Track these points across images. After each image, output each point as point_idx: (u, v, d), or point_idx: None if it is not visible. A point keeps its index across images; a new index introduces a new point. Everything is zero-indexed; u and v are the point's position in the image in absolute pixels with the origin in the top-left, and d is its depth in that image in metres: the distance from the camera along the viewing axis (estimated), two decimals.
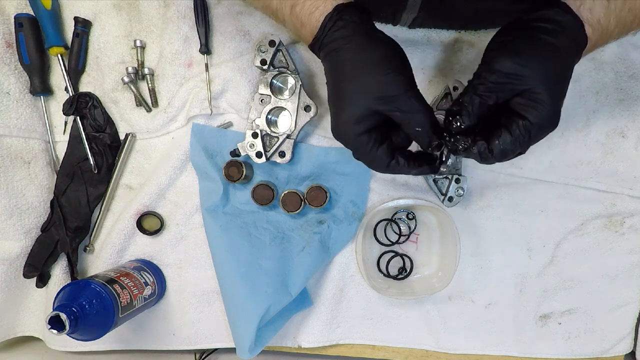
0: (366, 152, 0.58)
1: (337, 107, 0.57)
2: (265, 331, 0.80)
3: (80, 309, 0.68)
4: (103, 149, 0.82)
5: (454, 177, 0.80)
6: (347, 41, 0.56)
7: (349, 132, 0.57)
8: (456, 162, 0.80)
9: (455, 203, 0.80)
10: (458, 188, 0.80)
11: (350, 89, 0.56)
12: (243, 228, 0.82)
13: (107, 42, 0.81)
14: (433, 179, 0.81)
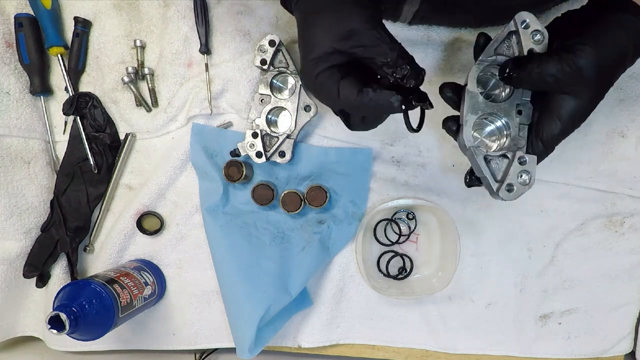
0: (328, 89, 0.55)
1: (302, 52, 0.56)
2: (265, 331, 0.80)
3: (80, 308, 0.68)
4: (103, 148, 0.82)
5: (516, 156, 0.58)
6: None
7: (310, 72, 0.55)
8: (517, 134, 0.59)
9: (516, 195, 0.58)
10: (522, 172, 0.58)
11: (314, 32, 0.54)
12: (243, 228, 0.83)
13: (107, 42, 0.82)
14: (484, 156, 0.59)
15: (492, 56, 0.59)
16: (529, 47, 0.56)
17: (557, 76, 0.52)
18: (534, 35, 0.56)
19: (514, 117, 0.59)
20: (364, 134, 0.81)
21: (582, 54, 0.51)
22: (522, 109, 0.59)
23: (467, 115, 0.59)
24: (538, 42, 0.56)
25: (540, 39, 0.56)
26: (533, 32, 0.56)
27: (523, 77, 0.54)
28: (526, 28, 0.56)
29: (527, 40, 0.56)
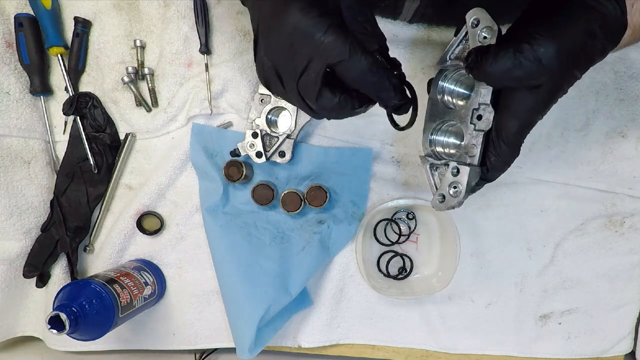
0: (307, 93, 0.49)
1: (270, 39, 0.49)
2: (265, 331, 0.80)
3: (80, 308, 0.68)
4: (103, 148, 0.83)
5: (450, 166, 0.56)
6: None
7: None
8: (470, 142, 0.55)
9: (446, 206, 0.58)
10: (454, 184, 0.56)
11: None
12: (243, 228, 0.83)
13: (107, 42, 0.82)
14: (430, 164, 0.60)
15: (448, 62, 0.55)
16: (475, 47, 0.50)
17: (513, 69, 0.47)
18: (482, 33, 0.50)
19: (469, 124, 0.55)
20: (364, 134, 0.81)
21: (540, 42, 0.45)
22: (481, 114, 0.54)
23: (426, 122, 0.58)
24: (485, 42, 0.50)
25: (486, 37, 0.50)
26: (482, 29, 0.50)
27: (478, 73, 0.49)
28: (475, 26, 0.51)
29: (474, 40, 0.51)
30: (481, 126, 0.53)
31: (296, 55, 0.46)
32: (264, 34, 0.48)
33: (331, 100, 0.48)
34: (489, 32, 0.50)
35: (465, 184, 0.55)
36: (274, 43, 0.46)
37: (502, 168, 0.55)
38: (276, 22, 0.46)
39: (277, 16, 0.45)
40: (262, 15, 0.48)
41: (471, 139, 0.55)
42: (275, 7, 0.46)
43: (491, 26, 0.50)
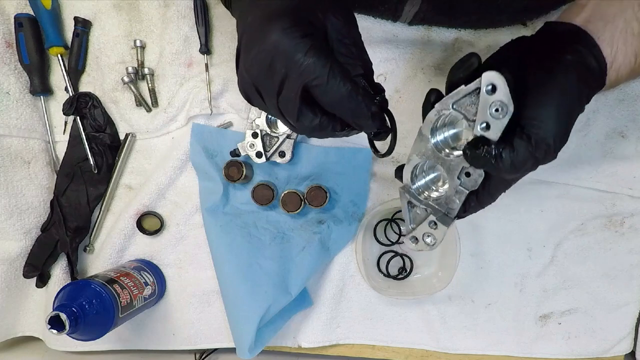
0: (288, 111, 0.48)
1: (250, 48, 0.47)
2: (265, 331, 0.81)
3: (80, 309, 0.69)
4: (103, 149, 0.83)
5: (429, 218, 0.56)
6: None
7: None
8: (453, 195, 0.53)
9: (418, 248, 0.58)
10: (429, 234, 0.56)
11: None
12: (243, 228, 0.83)
13: (107, 42, 0.82)
14: (408, 201, 0.58)
15: (450, 109, 0.50)
16: (484, 120, 0.45)
17: (528, 164, 0.45)
18: (495, 108, 0.44)
19: (455, 178, 0.52)
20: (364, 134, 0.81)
21: (546, 126, 0.44)
22: (470, 172, 0.51)
23: (412, 155, 0.55)
24: (496, 116, 0.45)
25: (500, 115, 0.44)
26: (496, 103, 0.44)
27: (477, 164, 0.48)
28: (490, 94, 0.44)
29: (484, 109, 0.45)
30: (467, 185, 0.52)
31: (275, 73, 0.45)
32: (245, 47, 0.47)
33: (312, 120, 0.48)
34: (502, 108, 0.44)
35: (441, 238, 0.56)
36: (254, 58, 0.45)
37: (477, 211, 0.55)
38: (258, 37, 0.45)
39: (259, 32, 0.45)
40: (246, 29, 0.47)
41: (454, 192, 0.53)
42: (258, 23, 0.45)
43: (506, 104, 0.44)
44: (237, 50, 0.49)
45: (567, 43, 0.48)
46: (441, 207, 0.55)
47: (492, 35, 0.80)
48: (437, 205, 0.55)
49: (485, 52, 0.80)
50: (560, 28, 0.51)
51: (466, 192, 0.52)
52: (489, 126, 0.45)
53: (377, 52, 0.79)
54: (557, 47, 0.49)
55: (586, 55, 0.47)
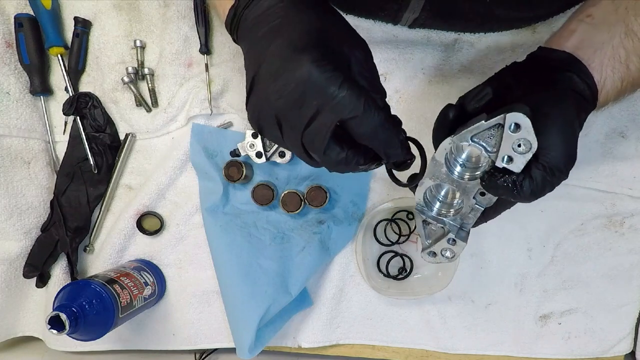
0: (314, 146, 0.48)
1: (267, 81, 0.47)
2: (265, 331, 0.81)
3: (80, 309, 0.69)
4: (103, 149, 0.83)
5: (448, 234, 0.58)
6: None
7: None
8: (468, 213, 0.56)
9: (436, 261, 0.61)
10: (448, 249, 0.59)
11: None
12: (243, 228, 0.83)
13: (107, 42, 0.82)
14: (424, 220, 0.60)
15: (469, 143, 0.50)
16: (507, 154, 0.47)
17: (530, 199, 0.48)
18: (519, 144, 0.46)
19: (471, 197, 0.54)
20: None
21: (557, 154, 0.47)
22: (485, 192, 0.53)
23: (426, 178, 0.55)
24: (521, 152, 0.46)
25: (524, 150, 0.46)
26: (521, 140, 0.46)
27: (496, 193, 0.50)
28: (514, 132, 0.46)
29: (508, 144, 0.47)
30: (482, 203, 0.54)
31: (304, 106, 0.44)
32: (266, 79, 0.46)
33: (338, 155, 0.47)
34: (526, 145, 0.46)
35: (460, 252, 0.59)
36: (281, 90, 0.45)
37: (479, 224, 0.58)
38: (286, 68, 0.44)
39: (287, 62, 0.44)
40: (266, 61, 0.47)
41: (470, 210, 0.55)
42: (286, 53, 0.45)
43: (531, 142, 0.45)
44: (251, 81, 0.49)
45: (562, 71, 0.52)
46: (456, 223, 0.58)
47: (493, 36, 0.80)
48: (452, 221, 0.58)
49: (485, 52, 0.80)
50: (553, 55, 0.54)
51: (481, 209, 0.55)
52: (512, 159, 0.47)
53: (377, 52, 0.80)
54: (554, 77, 0.52)
55: (580, 83, 0.51)
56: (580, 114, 0.50)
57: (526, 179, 0.47)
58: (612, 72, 0.53)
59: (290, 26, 0.47)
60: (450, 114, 0.53)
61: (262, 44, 0.48)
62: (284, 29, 0.47)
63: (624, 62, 0.53)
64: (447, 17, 0.75)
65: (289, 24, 0.47)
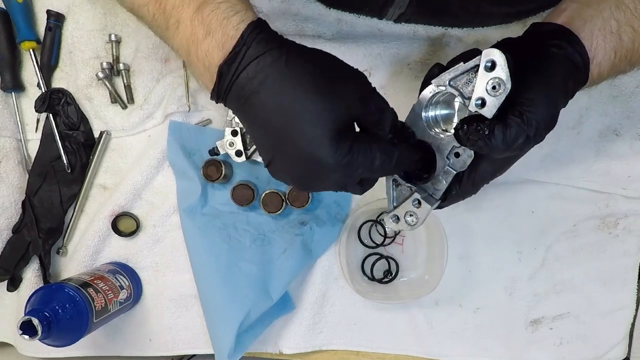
0: (361, 163, 0.51)
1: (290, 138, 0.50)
2: (245, 336, 0.83)
3: (53, 313, 0.71)
4: (77, 147, 0.85)
5: (413, 197, 0.59)
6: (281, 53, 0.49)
7: (329, 154, 0.49)
8: (440, 175, 0.58)
9: (398, 228, 0.61)
10: (411, 213, 0.59)
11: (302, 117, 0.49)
12: (222, 229, 0.86)
13: (81, 36, 0.84)
14: (394, 179, 0.62)
15: (447, 86, 0.54)
16: (480, 96, 0.49)
17: (522, 143, 0.50)
18: (493, 85, 0.48)
19: (444, 158, 0.57)
20: None
21: (539, 107, 0.50)
22: (460, 153, 0.55)
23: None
24: (493, 93, 0.49)
25: (495, 91, 0.48)
26: (495, 79, 0.48)
27: (468, 143, 0.52)
28: (489, 71, 0.48)
29: (482, 85, 0.49)
30: (455, 165, 0.56)
31: (324, 182, 0.53)
32: (285, 161, 0.52)
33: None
34: (500, 85, 0.48)
35: (424, 218, 0.59)
36: (289, 165, 0.52)
37: (457, 201, 0.61)
38: (302, 156, 0.50)
39: (303, 151, 0.50)
40: (282, 142, 0.51)
41: (441, 172, 0.57)
42: (292, 129, 0.49)
43: (505, 81, 0.48)
44: (269, 149, 0.53)
45: (552, 39, 0.54)
46: (427, 189, 0.59)
47: (481, 31, 0.84)
48: (423, 187, 0.59)
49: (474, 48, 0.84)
50: (545, 27, 0.58)
51: (454, 172, 0.56)
52: (485, 103, 0.49)
53: (361, 47, 0.83)
54: (544, 43, 0.55)
55: (570, 49, 0.54)
56: (568, 79, 0.53)
57: (499, 125, 0.49)
58: (604, 42, 0.55)
59: (294, 109, 0.49)
60: (437, 70, 0.57)
61: (270, 126, 0.50)
62: (291, 115, 0.49)
63: (615, 32, 0.56)
64: (434, 13, 0.79)
65: (292, 106, 0.49)
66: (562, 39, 0.54)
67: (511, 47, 0.56)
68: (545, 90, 0.51)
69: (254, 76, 0.49)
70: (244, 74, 0.49)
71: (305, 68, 0.50)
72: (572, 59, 0.54)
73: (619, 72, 0.59)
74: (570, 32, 0.55)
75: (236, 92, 0.50)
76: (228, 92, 0.51)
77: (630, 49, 0.57)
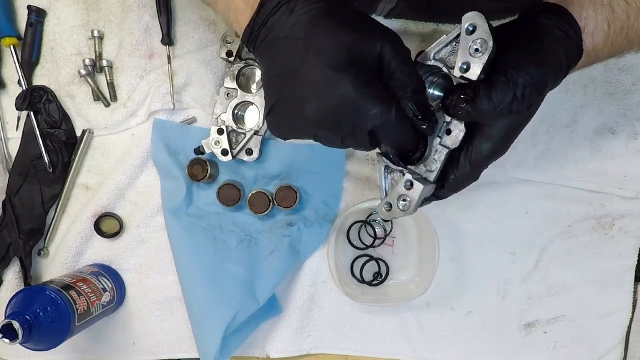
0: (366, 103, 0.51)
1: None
2: (231, 340, 0.85)
3: (34, 316, 0.72)
4: (58, 146, 0.87)
5: (404, 178, 0.57)
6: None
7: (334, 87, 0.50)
8: (432, 156, 0.57)
9: (391, 216, 0.59)
10: (404, 196, 0.57)
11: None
12: (208, 230, 0.87)
13: (63, 32, 0.86)
14: (386, 166, 0.61)
15: (431, 61, 0.56)
16: (464, 60, 0.51)
17: (511, 103, 0.51)
18: (476, 47, 0.50)
19: (436, 135, 0.57)
20: None
21: (527, 69, 0.51)
22: (451, 129, 0.56)
23: None
24: (476, 55, 0.50)
25: (478, 51, 0.50)
26: (476, 41, 0.49)
27: (455, 111, 0.53)
28: (470, 33, 0.50)
29: (464, 49, 0.50)
30: (447, 142, 0.56)
31: (341, 124, 0.51)
32: (298, 99, 0.52)
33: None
34: (482, 46, 0.49)
35: (416, 200, 0.57)
36: (320, 110, 0.51)
37: (457, 188, 0.60)
38: (321, 92, 0.50)
39: (323, 86, 0.50)
40: (298, 78, 0.51)
41: (433, 152, 0.57)
42: (320, 76, 0.50)
43: (486, 40, 0.49)
44: (278, 94, 0.54)
45: (541, 14, 0.57)
46: (420, 172, 0.59)
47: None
48: (415, 170, 0.59)
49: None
50: (535, 6, 0.59)
51: (446, 150, 0.57)
52: (469, 66, 0.50)
53: None
54: (533, 19, 0.57)
55: (558, 19, 0.56)
56: (557, 47, 0.55)
57: (484, 85, 0.50)
58: (595, 13, 0.57)
59: (320, 43, 0.50)
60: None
61: (291, 61, 0.52)
62: (313, 48, 0.50)
63: (607, 4, 0.57)
64: (425, 8, 0.81)
65: (319, 40, 0.50)
66: (552, 12, 0.56)
67: (504, 28, 0.58)
68: (531, 53, 0.53)
69: (291, 11, 0.51)
70: (284, 8, 0.51)
71: (344, 14, 0.52)
72: (560, 28, 0.55)
73: (617, 48, 0.60)
74: (559, 6, 0.57)
75: (270, 25, 0.52)
76: (264, 24, 0.53)
77: (625, 21, 0.58)
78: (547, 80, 0.53)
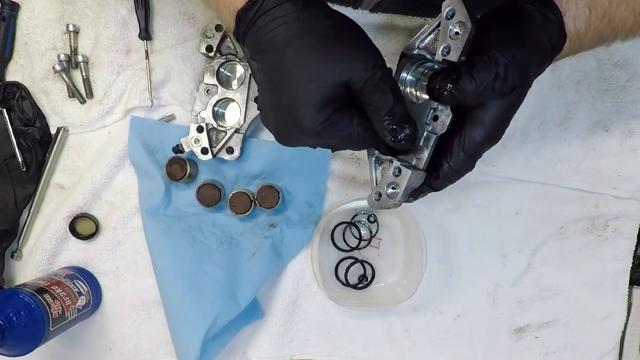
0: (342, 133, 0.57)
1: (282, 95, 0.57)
2: (211, 345, 0.87)
3: (6, 321, 0.73)
4: (32, 144, 0.89)
5: (392, 166, 0.61)
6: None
7: (310, 118, 0.55)
8: (420, 143, 0.61)
9: (381, 205, 0.63)
10: (392, 184, 0.61)
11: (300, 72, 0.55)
12: (187, 232, 0.90)
13: (37, 26, 0.88)
14: (376, 157, 0.65)
15: (416, 50, 0.62)
16: (445, 44, 0.55)
17: (493, 82, 0.54)
18: (456, 31, 0.54)
19: (423, 122, 0.61)
20: None
21: (509, 49, 0.54)
22: (438, 115, 0.60)
23: None
24: (456, 38, 0.54)
25: (457, 34, 0.54)
26: (455, 24, 0.54)
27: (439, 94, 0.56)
28: (450, 18, 0.55)
29: (445, 34, 0.55)
30: (435, 128, 0.60)
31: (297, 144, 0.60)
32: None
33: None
34: (461, 28, 0.54)
35: (404, 186, 0.60)
36: (273, 116, 0.59)
37: (452, 179, 0.63)
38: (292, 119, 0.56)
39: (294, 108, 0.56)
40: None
41: (422, 139, 0.61)
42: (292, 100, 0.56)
43: (464, 22, 0.53)
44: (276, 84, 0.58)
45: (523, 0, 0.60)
46: (410, 160, 0.62)
47: None
48: (405, 158, 0.62)
49: None
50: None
51: (434, 136, 0.60)
52: (450, 49, 0.55)
53: None
54: (515, 5, 0.60)
55: (540, 4, 0.59)
56: (539, 29, 0.58)
57: (466, 66, 0.54)
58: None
59: (289, 68, 0.55)
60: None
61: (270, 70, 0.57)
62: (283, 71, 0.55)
63: None
64: (413, 2, 0.84)
65: (288, 63, 0.55)
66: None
67: (486, 15, 0.62)
68: (513, 34, 0.56)
69: (267, 24, 0.55)
70: (260, 21, 0.55)
71: (315, 25, 0.55)
72: (541, 11, 0.58)
73: (601, 36, 0.63)
74: None
75: (252, 36, 0.56)
76: (245, 35, 0.57)
77: (607, 8, 0.61)
78: (529, 60, 0.57)
